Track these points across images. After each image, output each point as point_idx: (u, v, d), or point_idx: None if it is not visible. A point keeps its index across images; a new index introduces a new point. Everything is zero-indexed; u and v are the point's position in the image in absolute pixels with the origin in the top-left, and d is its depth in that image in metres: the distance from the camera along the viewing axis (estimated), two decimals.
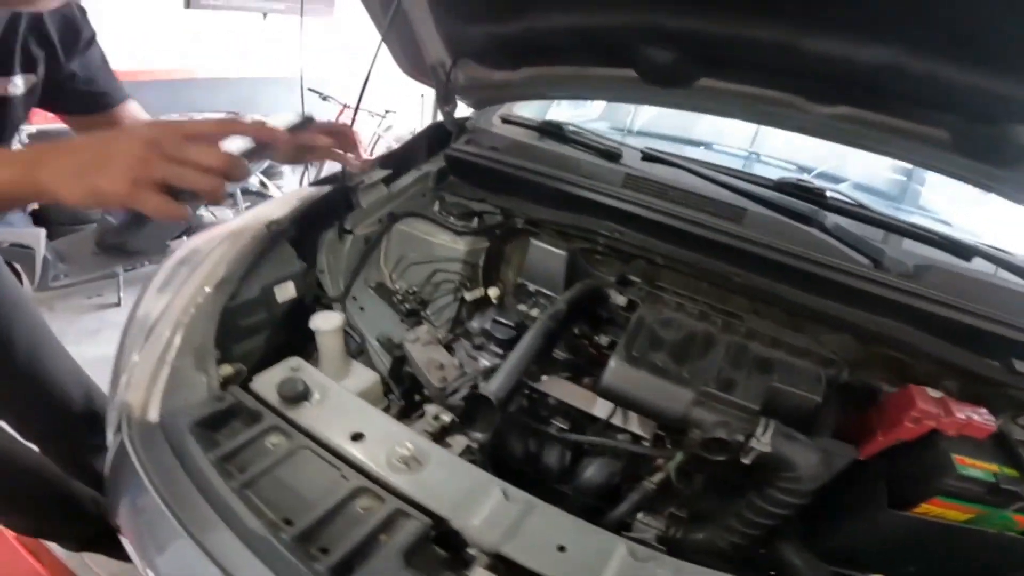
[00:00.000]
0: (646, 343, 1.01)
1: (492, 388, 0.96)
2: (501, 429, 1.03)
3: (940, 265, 1.15)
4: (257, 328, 1.20)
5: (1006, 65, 0.90)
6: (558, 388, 1.12)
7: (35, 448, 1.50)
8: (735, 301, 1.23)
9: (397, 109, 5.52)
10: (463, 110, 1.70)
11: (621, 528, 1.02)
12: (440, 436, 1.12)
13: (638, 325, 1.04)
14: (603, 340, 1.18)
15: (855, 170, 2.23)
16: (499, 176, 1.50)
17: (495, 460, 1.09)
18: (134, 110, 1.20)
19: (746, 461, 0.88)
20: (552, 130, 1.55)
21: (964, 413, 0.95)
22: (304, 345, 1.35)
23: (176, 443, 0.86)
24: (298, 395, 0.96)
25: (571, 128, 1.53)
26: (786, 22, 0.98)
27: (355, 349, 1.42)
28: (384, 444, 0.90)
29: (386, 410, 1.30)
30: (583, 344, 1.23)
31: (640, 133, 2.31)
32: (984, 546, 0.92)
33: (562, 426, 1.10)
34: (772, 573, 1.01)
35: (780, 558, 0.98)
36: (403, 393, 1.32)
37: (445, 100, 1.59)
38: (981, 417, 0.95)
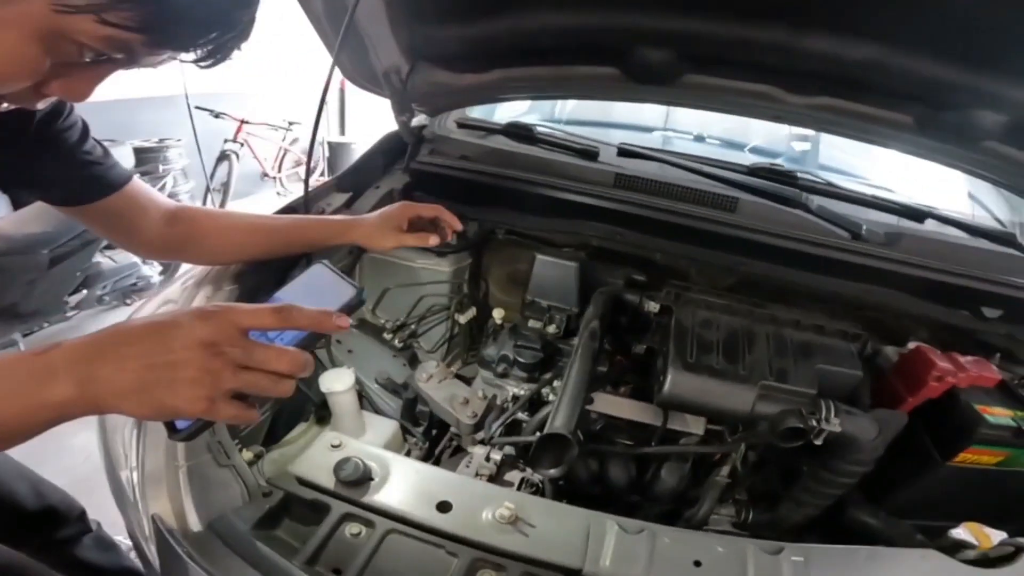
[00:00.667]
0: (695, 347, 1.01)
1: (561, 423, 0.91)
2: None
3: (908, 231, 1.29)
4: (261, 404, 1.05)
5: (973, 59, 1.01)
6: (606, 404, 1.10)
7: None
8: (744, 289, 1.28)
9: (301, 120, 5.22)
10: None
11: (703, 525, 1.04)
12: (496, 476, 1.07)
13: (681, 330, 1.04)
14: (637, 348, 1.18)
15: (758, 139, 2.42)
16: (474, 186, 1.43)
17: (558, 489, 1.06)
18: (139, 193, 0.98)
19: (818, 442, 0.92)
20: (519, 132, 1.49)
21: (971, 365, 1.07)
22: (299, 405, 1.21)
23: (246, 552, 0.74)
24: (361, 476, 0.85)
25: (541, 129, 1.48)
26: (784, 22, 1.02)
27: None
28: (476, 507, 0.82)
29: (407, 455, 1.22)
30: (610, 355, 1.22)
31: (570, 122, 2.31)
32: (1019, 483, 1.04)
33: (625, 441, 1.09)
34: None
35: (854, 521, 1.05)
36: (424, 433, 1.23)
37: (401, 109, 1.47)
38: (985, 368, 1.07)
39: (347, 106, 6.71)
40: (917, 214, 1.33)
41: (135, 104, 4.27)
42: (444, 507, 0.82)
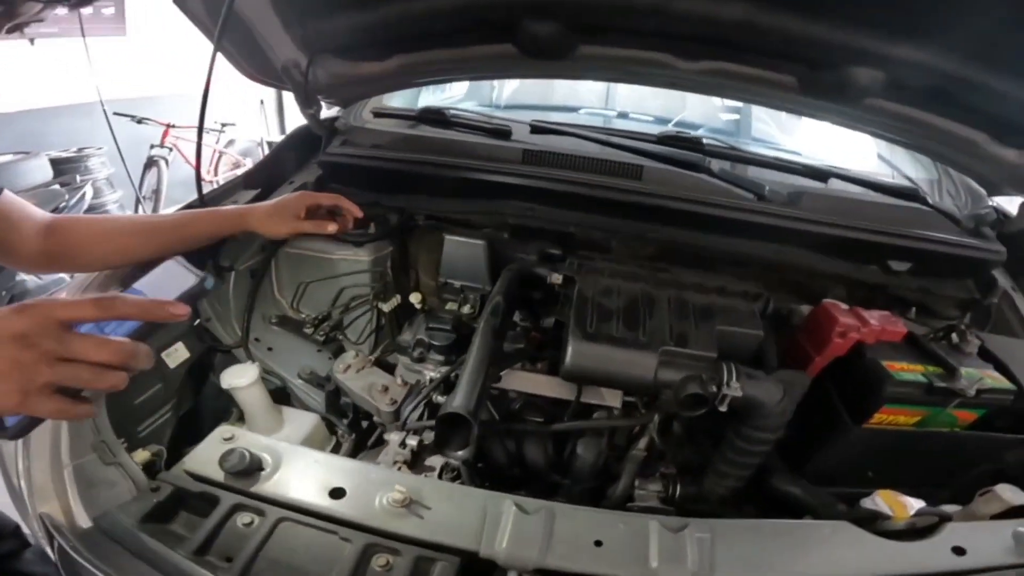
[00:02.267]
0: (596, 316, 1.02)
1: (459, 403, 0.90)
2: (477, 440, 0.98)
3: (809, 190, 1.31)
4: (157, 404, 1.04)
5: (839, 16, 1.02)
6: (518, 381, 1.10)
7: None
8: (651, 255, 1.29)
9: (235, 121, 5.09)
10: (325, 110, 1.56)
11: (627, 501, 1.04)
12: (414, 462, 1.07)
13: (582, 300, 1.04)
14: (546, 322, 1.18)
15: (694, 113, 2.44)
16: (388, 175, 1.42)
17: (477, 472, 1.06)
18: (9, 208, 0.95)
19: (723, 409, 0.93)
20: (433, 117, 1.48)
21: (876, 320, 1.08)
22: (224, 405, 1.20)
23: (133, 546, 0.73)
24: (248, 466, 0.84)
25: (454, 112, 1.47)
26: None
27: (276, 394, 1.28)
28: (369, 492, 0.82)
29: (336, 448, 1.21)
30: (525, 330, 1.22)
31: (508, 107, 2.30)
32: (939, 445, 1.04)
33: (536, 419, 1.09)
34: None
35: (776, 491, 1.05)
36: (350, 425, 1.23)
37: (306, 102, 1.44)
38: (891, 322, 1.08)
39: (286, 105, 6.56)
40: (820, 174, 1.35)
41: (49, 113, 4.13)
42: (337, 493, 0.82)
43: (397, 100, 1.78)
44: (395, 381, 1.20)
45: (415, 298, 1.34)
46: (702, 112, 2.46)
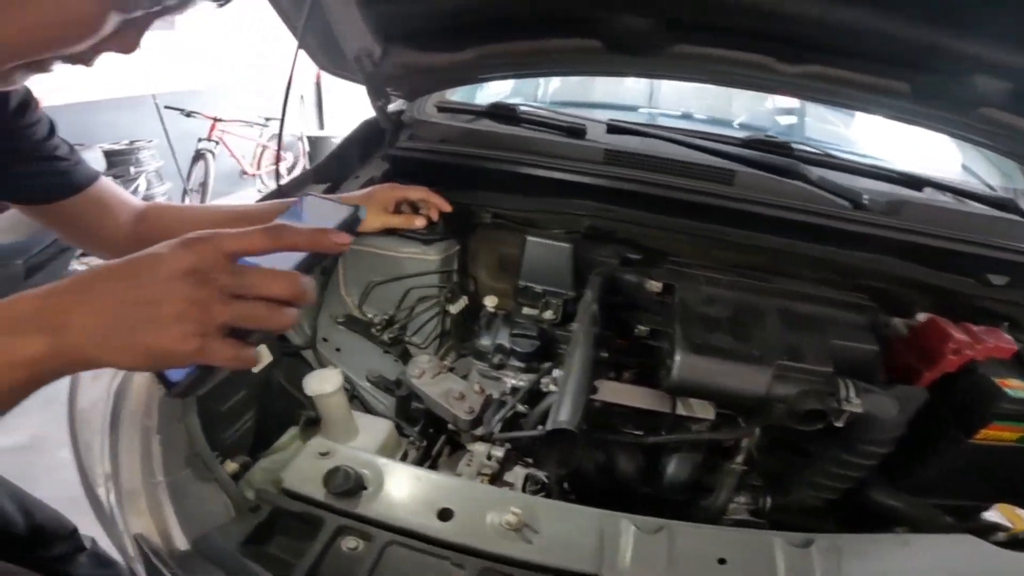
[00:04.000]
0: (703, 327, 0.96)
1: (566, 418, 0.85)
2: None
3: (907, 199, 1.25)
4: (242, 410, 0.99)
5: (960, 23, 0.96)
6: (610, 392, 1.05)
7: None
8: (745, 262, 1.23)
9: (277, 116, 5.03)
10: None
11: (720, 515, 1.00)
12: (499, 475, 1.02)
13: (686, 310, 0.99)
14: (641, 330, 1.12)
15: (746, 113, 2.39)
16: (456, 170, 1.36)
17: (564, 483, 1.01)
18: (107, 193, 0.91)
19: (838, 424, 0.88)
20: (502, 113, 1.43)
21: (988, 337, 1.03)
22: (289, 408, 1.15)
23: (236, 571, 0.69)
24: (352, 487, 0.79)
25: (525, 109, 1.42)
26: None
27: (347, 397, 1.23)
28: (478, 513, 0.77)
29: (405, 455, 1.16)
30: (616, 338, 1.17)
31: (554, 103, 2.24)
32: None
33: (633, 431, 1.03)
34: None
35: (875, 503, 1.02)
36: (421, 432, 1.18)
37: (376, 94, 1.39)
38: (1002, 339, 1.03)
39: (324, 99, 6.61)
40: (916, 182, 1.29)
41: (101, 106, 4.14)
42: (445, 515, 0.77)
43: (457, 96, 1.73)
44: (472, 388, 1.15)
45: (490, 301, 1.28)
46: (753, 111, 2.41)
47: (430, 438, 1.21)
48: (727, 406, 1.02)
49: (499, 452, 1.02)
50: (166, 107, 3.93)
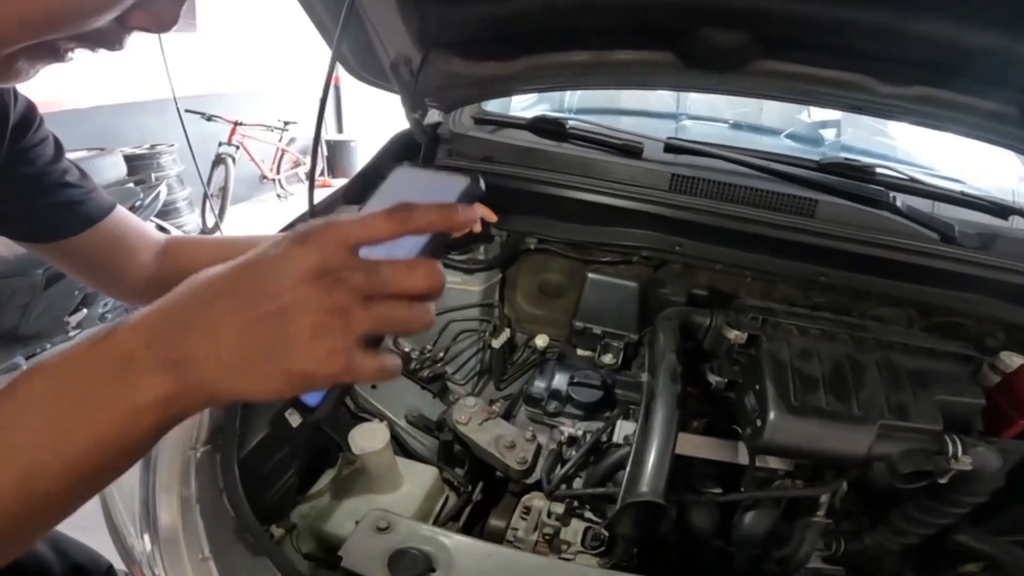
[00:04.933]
0: (798, 384, 0.86)
1: (649, 489, 0.77)
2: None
3: (1003, 232, 1.14)
4: (284, 468, 0.88)
5: None
6: (684, 444, 0.95)
7: None
8: (823, 301, 1.13)
9: (297, 120, 5.08)
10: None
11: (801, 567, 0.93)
12: (558, 532, 0.93)
13: (777, 364, 0.89)
14: (718, 381, 1.01)
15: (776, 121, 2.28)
16: (503, 192, 1.25)
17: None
18: (126, 225, 0.79)
19: (943, 481, 0.82)
20: (549, 128, 1.31)
21: None
22: (326, 447, 1.05)
23: None
24: (422, 572, 0.69)
25: (573, 123, 1.30)
26: (895, 3, 0.86)
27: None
28: None
29: (446, 501, 1.06)
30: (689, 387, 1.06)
31: (580, 111, 2.12)
32: None
33: (712, 489, 0.94)
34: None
35: (959, 545, 0.95)
36: (466, 476, 1.08)
37: (413, 105, 1.27)
38: None
39: (344, 103, 6.53)
40: (1002, 210, 1.19)
41: (121, 109, 4.06)
42: None
43: (492, 105, 1.61)
44: (523, 435, 1.04)
45: (541, 341, 1.17)
46: (783, 118, 2.30)
47: (473, 482, 1.11)
48: (825, 465, 0.92)
49: (559, 509, 0.92)
50: (187, 111, 3.82)
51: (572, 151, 1.28)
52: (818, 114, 2.28)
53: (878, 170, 1.17)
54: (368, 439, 0.89)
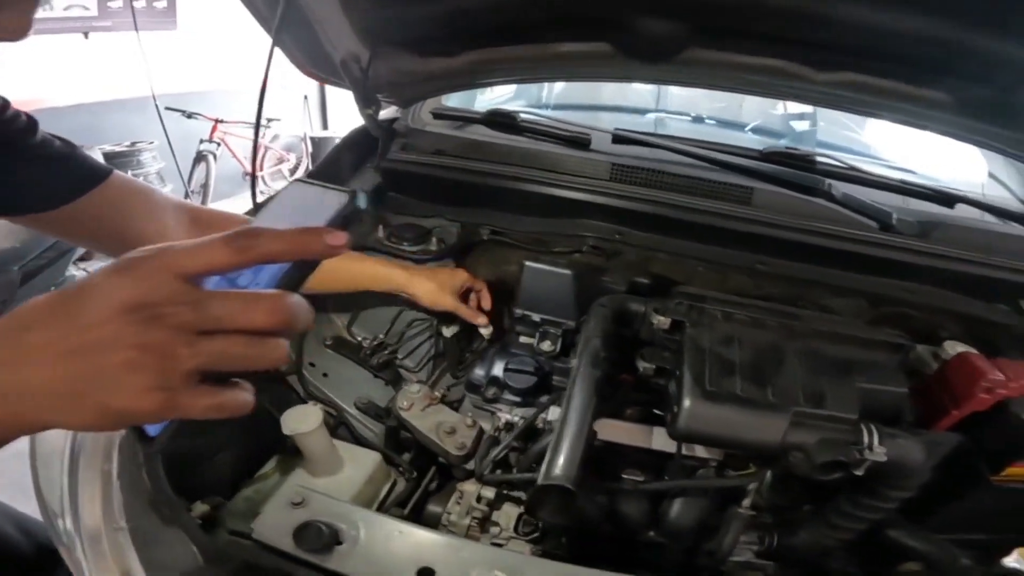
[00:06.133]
0: (716, 370, 0.87)
1: (560, 473, 0.77)
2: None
3: (943, 219, 1.15)
4: (212, 449, 0.92)
5: (1010, 26, 0.86)
6: (610, 431, 0.97)
7: None
8: (762, 290, 1.14)
9: (280, 116, 5.10)
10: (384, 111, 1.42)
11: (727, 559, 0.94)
12: (489, 516, 0.96)
13: (697, 350, 0.90)
14: (646, 368, 1.03)
15: (757, 117, 2.27)
16: (453, 184, 1.28)
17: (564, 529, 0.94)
18: (127, 188, 0.81)
19: (859, 473, 0.81)
20: (502, 121, 1.33)
21: None
22: (277, 434, 1.08)
23: None
24: (327, 543, 0.72)
25: (525, 116, 1.32)
26: None
27: (333, 424, 1.16)
28: (462, 573, 0.70)
29: (393, 486, 1.09)
30: (619, 372, 1.08)
31: (559, 106, 2.14)
32: None
33: (636, 475, 0.96)
34: None
35: (892, 542, 0.95)
36: (411, 462, 1.10)
37: (365, 101, 1.30)
38: None
39: (328, 99, 6.55)
40: (947, 198, 1.19)
41: (100, 108, 4.10)
42: (425, 574, 0.70)
43: (454, 100, 1.63)
44: (464, 422, 1.07)
45: (486, 332, 1.19)
46: (766, 114, 2.29)
47: (420, 469, 1.14)
48: (742, 454, 0.94)
49: (489, 493, 0.95)
50: (167, 108, 3.86)
51: (523, 144, 1.30)
52: (794, 108, 2.27)
53: (819, 159, 1.18)
54: (299, 420, 0.92)
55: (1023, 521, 0.99)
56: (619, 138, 1.28)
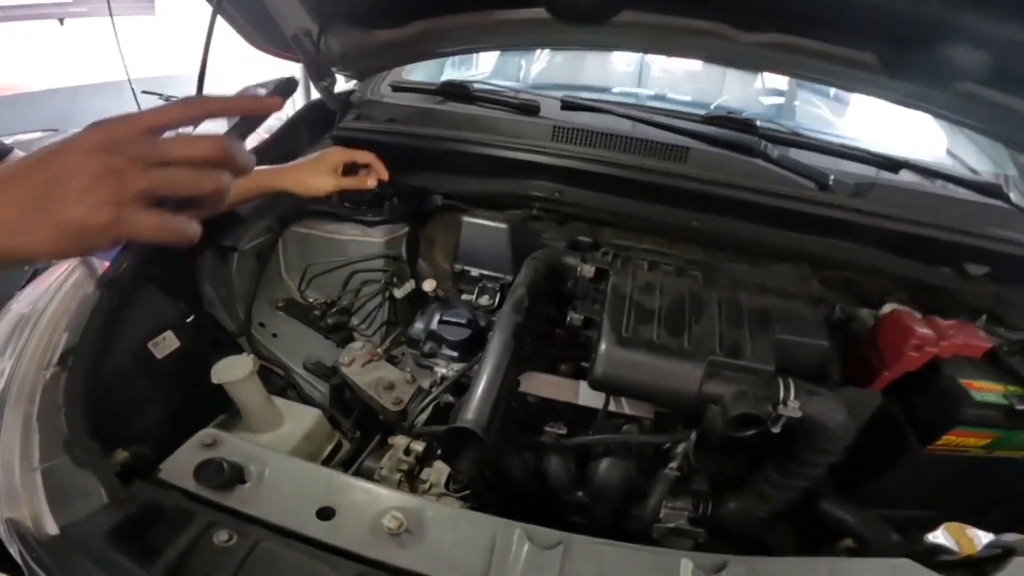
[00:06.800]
0: (633, 317, 0.89)
1: (471, 417, 0.78)
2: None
3: (879, 181, 1.15)
4: (144, 400, 0.94)
5: None
6: (537, 384, 0.99)
7: None
8: (696, 248, 1.15)
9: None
10: (342, 84, 1.45)
11: (654, 523, 0.93)
12: (418, 469, 0.97)
13: (618, 297, 0.91)
14: (575, 318, 1.05)
15: (734, 97, 2.26)
16: (405, 151, 1.30)
17: (489, 485, 0.95)
18: None
19: (775, 430, 0.80)
20: (455, 91, 1.35)
21: (956, 332, 0.93)
22: (224, 397, 1.11)
23: (100, 559, 0.66)
24: (226, 479, 0.74)
25: (478, 86, 1.35)
26: None
27: (281, 385, 1.19)
28: (362, 514, 0.72)
29: (338, 447, 1.11)
30: (550, 327, 1.10)
31: (537, 86, 2.15)
32: (1016, 471, 0.92)
33: (558, 431, 0.96)
34: None
35: (825, 515, 0.95)
36: (355, 423, 1.13)
37: (318, 75, 1.32)
38: (973, 335, 0.93)
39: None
40: (891, 164, 1.20)
41: (77, 92, 4.08)
42: (326, 514, 0.72)
43: (419, 74, 1.66)
44: (403, 377, 1.09)
45: (429, 285, 1.21)
46: (743, 96, 2.29)
47: (365, 430, 1.16)
48: (662, 406, 0.95)
49: (418, 447, 0.96)
50: (144, 91, 3.89)
51: (474, 111, 1.32)
52: (770, 82, 2.27)
53: (759, 124, 1.19)
54: (228, 369, 0.94)
55: (960, 492, 0.97)
56: (568, 105, 1.29)
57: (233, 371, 0.94)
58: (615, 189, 1.15)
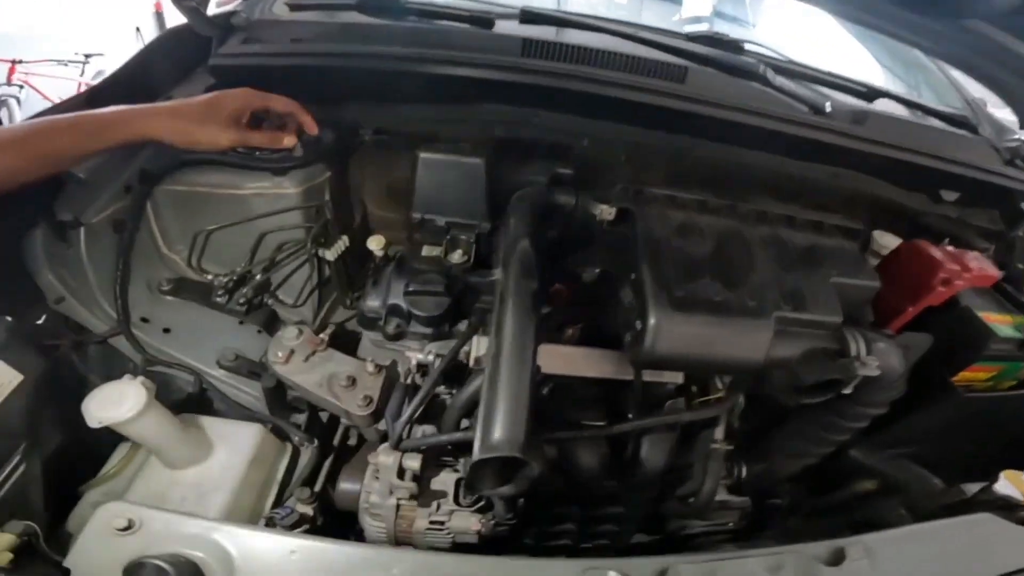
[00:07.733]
0: (680, 270, 0.70)
1: (503, 437, 0.57)
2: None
3: (873, 110, 1.09)
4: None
5: None
6: (553, 360, 0.76)
7: None
8: (696, 177, 1.00)
9: (104, 51, 4.50)
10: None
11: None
12: (422, 489, 0.74)
13: (653, 244, 0.72)
14: (587, 273, 0.84)
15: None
16: (317, 77, 0.99)
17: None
18: None
19: (848, 391, 0.69)
20: (380, 4, 1.05)
21: (974, 263, 0.88)
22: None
23: None
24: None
25: None
26: None
27: (194, 395, 0.87)
28: None
29: (295, 458, 0.86)
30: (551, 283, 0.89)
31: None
32: None
33: (594, 422, 0.77)
34: None
35: (854, 463, 0.90)
36: (307, 427, 0.87)
37: None
38: (988, 265, 0.89)
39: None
40: (869, 93, 1.14)
41: None
42: None
43: None
44: (365, 368, 0.83)
45: (376, 244, 0.91)
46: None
47: (324, 430, 0.89)
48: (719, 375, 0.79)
49: (414, 462, 0.72)
50: None
51: (410, 23, 1.04)
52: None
53: (746, 46, 1.05)
54: (109, 405, 0.62)
55: (971, 430, 0.93)
56: (529, 17, 1.05)
57: (118, 406, 0.62)
58: (603, 112, 0.96)
